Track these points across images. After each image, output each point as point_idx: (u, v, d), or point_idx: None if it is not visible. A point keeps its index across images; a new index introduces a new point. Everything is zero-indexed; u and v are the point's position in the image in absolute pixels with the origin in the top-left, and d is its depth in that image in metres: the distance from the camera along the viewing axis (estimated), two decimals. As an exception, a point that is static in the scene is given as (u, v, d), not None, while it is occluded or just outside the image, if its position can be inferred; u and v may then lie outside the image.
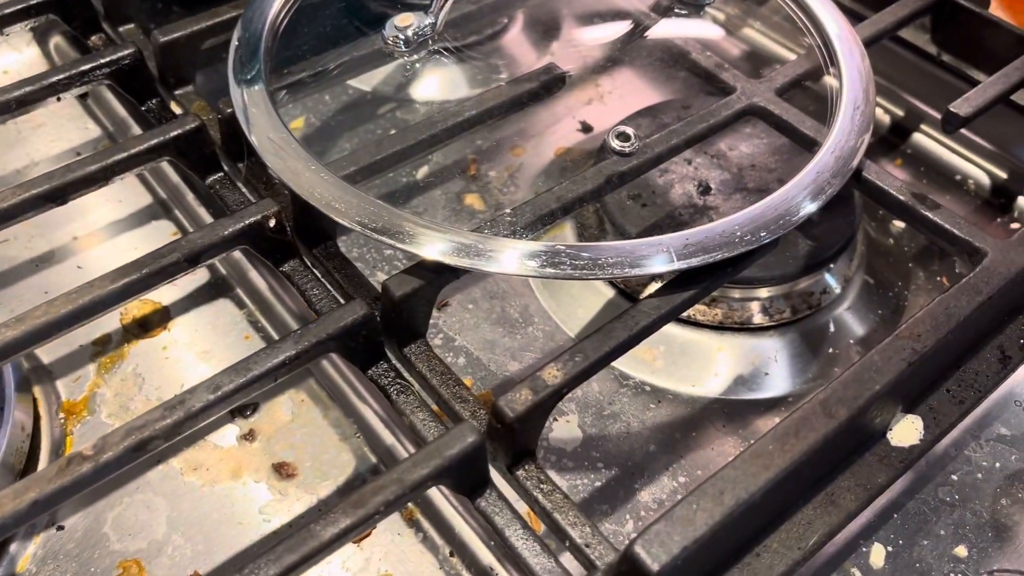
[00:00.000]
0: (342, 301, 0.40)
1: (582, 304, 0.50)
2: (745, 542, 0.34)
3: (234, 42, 0.44)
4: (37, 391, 0.46)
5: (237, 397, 0.34)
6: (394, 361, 0.39)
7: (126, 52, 0.46)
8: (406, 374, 0.39)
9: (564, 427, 0.46)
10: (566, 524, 0.34)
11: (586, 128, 0.61)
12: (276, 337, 0.48)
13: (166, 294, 0.50)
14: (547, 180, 0.58)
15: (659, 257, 0.36)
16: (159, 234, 0.54)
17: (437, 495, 0.42)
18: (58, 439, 0.45)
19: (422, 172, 0.58)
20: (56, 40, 0.63)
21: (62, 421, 0.45)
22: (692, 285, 0.38)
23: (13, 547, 0.41)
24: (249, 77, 0.43)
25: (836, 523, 0.34)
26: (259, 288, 0.49)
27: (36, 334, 0.35)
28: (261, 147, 0.40)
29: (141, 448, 0.32)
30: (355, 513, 0.30)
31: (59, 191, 0.40)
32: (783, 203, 0.39)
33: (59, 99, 0.47)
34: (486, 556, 0.41)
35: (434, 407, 0.38)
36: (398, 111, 0.61)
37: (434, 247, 0.37)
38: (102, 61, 0.47)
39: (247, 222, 0.39)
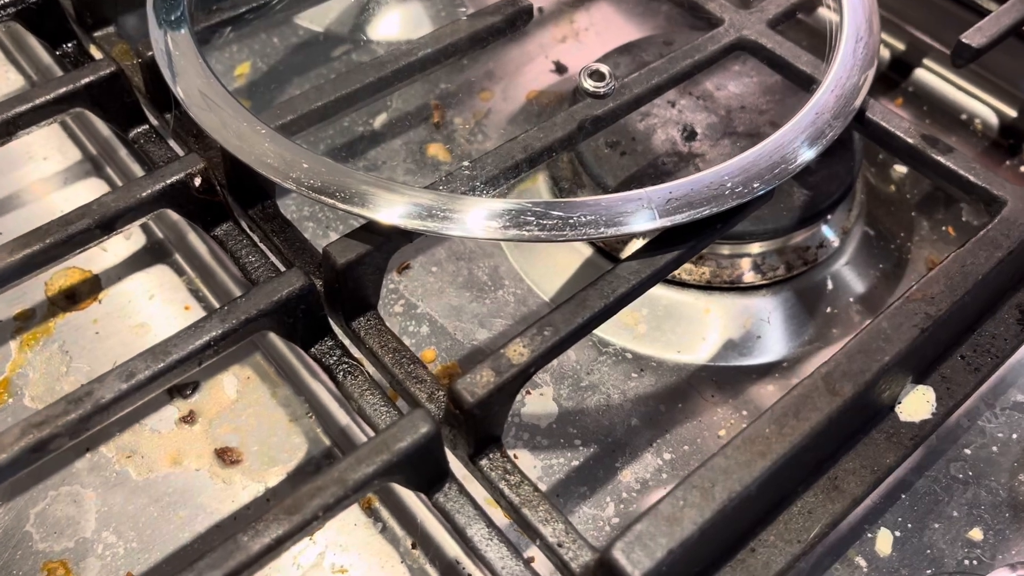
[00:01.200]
0: (283, 269, 0.36)
1: (557, 264, 0.46)
2: (739, 537, 0.30)
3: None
4: (-51, 372, 0.41)
5: (154, 386, 0.29)
6: (341, 337, 0.34)
7: (31, -11, 0.40)
8: (355, 351, 0.34)
9: (538, 401, 0.42)
10: (536, 521, 0.29)
11: (560, 69, 0.55)
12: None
13: (96, 261, 0.45)
14: (518, 127, 0.53)
15: (639, 214, 0.32)
16: (92, 194, 0.49)
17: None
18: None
19: (380, 120, 0.52)
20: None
21: (-20, 406, 0.41)
22: (677, 245, 0.33)
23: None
24: (173, 17, 0.37)
25: (840, 511, 0.31)
26: (199, 253, 0.45)
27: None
28: (186, 97, 0.35)
29: (41, 448, 0.28)
30: (289, 520, 0.26)
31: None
32: (778, 149, 0.34)
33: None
34: (452, 548, 0.37)
35: (388, 389, 0.34)
36: (354, 53, 0.55)
37: (382, 208, 0.32)
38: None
39: (169, 181, 0.34)
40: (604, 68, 0.35)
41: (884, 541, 0.34)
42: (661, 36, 0.51)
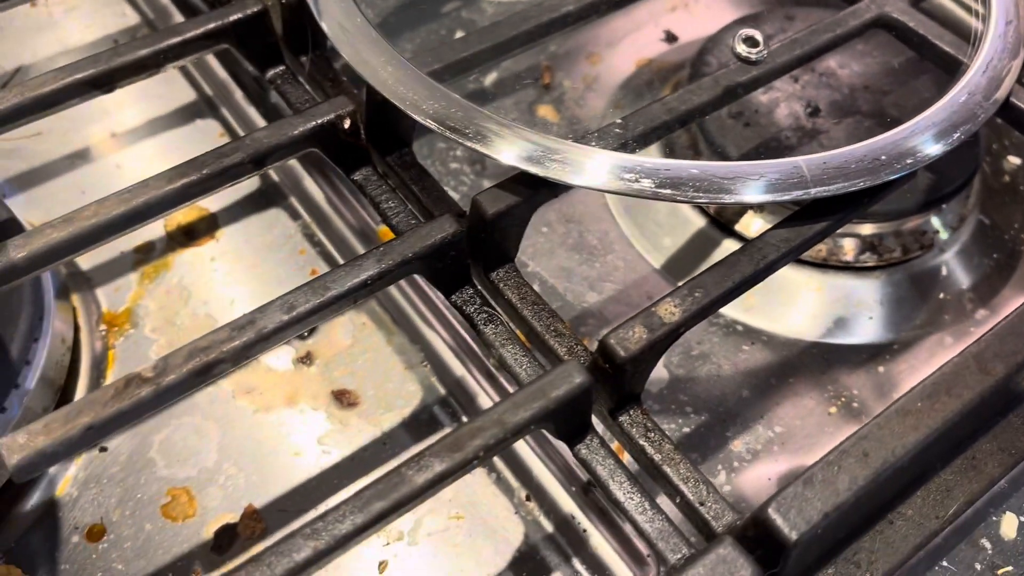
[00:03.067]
0: (419, 217, 0.36)
1: (668, 232, 0.46)
2: (880, 507, 0.30)
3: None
4: (76, 300, 0.42)
5: (312, 320, 0.30)
6: (479, 287, 0.34)
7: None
8: (492, 302, 0.34)
9: (649, 366, 0.42)
10: (677, 478, 0.30)
11: (671, 38, 0.55)
12: (334, 253, 0.44)
13: (214, 200, 0.46)
14: (627, 93, 0.52)
15: (792, 182, 0.32)
16: (203, 134, 0.49)
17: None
18: (99, 354, 0.41)
19: (490, 79, 0.52)
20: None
21: (103, 334, 0.41)
22: (822, 216, 0.33)
23: (52, 468, 0.37)
24: (318, -43, 0.38)
25: (977, 490, 0.31)
26: (315, 198, 0.45)
27: (85, 237, 0.31)
28: (333, 35, 0.35)
29: (206, 372, 0.28)
30: (450, 457, 0.27)
31: (106, 76, 0.35)
32: (929, 128, 0.34)
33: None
34: (567, 503, 0.37)
35: (522, 340, 0.34)
36: (464, 11, 0.55)
37: (530, 159, 0.32)
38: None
39: (319, 121, 0.34)
40: (758, 35, 0.35)
41: (1009, 525, 0.34)
42: (782, 11, 0.50)
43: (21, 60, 0.52)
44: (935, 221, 0.45)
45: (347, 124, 0.34)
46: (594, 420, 0.32)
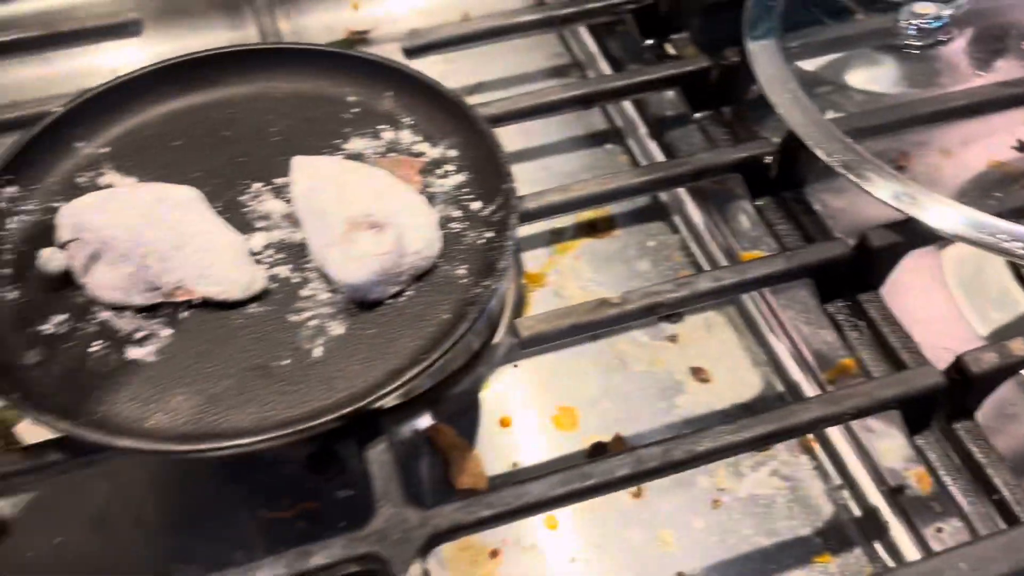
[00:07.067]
0: (803, 241, 0.46)
1: (998, 307, 0.52)
2: None
3: (749, 1, 0.51)
4: (514, 258, 0.55)
5: (730, 292, 0.40)
6: (849, 301, 0.43)
7: (651, -3, 0.54)
8: (854, 318, 0.43)
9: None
10: (1000, 483, 0.37)
11: (1022, 147, 0.61)
12: (704, 263, 0.55)
13: (615, 204, 0.58)
14: (975, 187, 0.59)
15: None
16: (609, 156, 0.62)
17: (834, 431, 0.46)
18: (517, 298, 0.54)
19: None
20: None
21: (523, 286, 0.55)
22: None
23: (481, 369, 0.50)
24: (759, 33, 0.49)
25: None
26: (694, 220, 0.56)
27: (572, 203, 0.44)
28: (768, 88, 0.46)
29: (651, 309, 0.39)
30: (827, 408, 0.36)
31: (586, 98, 0.49)
32: None
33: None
34: (875, 497, 0.44)
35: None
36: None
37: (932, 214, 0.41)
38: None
39: (748, 154, 0.45)
40: None
41: None
42: None
43: (480, 78, 0.67)
44: None
45: (768, 159, 0.45)
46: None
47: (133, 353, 0.38)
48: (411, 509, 0.34)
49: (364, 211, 0.39)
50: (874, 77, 0.66)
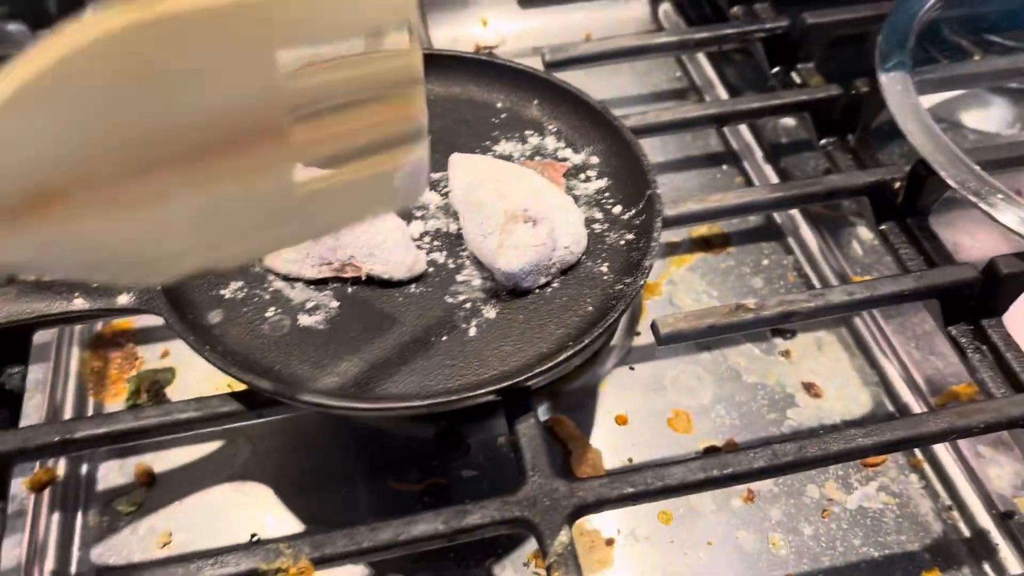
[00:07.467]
0: (926, 267, 0.47)
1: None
2: None
3: (881, 34, 0.53)
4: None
5: (862, 307, 0.42)
6: (972, 325, 0.45)
7: (780, 24, 0.56)
8: (977, 342, 0.45)
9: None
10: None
11: None
12: (816, 283, 0.57)
13: (729, 222, 0.60)
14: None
15: None
16: (726, 177, 0.64)
17: (944, 454, 0.48)
18: (637, 305, 0.57)
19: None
20: (664, 6, 0.76)
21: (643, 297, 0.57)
22: None
23: (599, 369, 0.53)
24: (890, 65, 0.51)
25: None
26: (808, 241, 0.58)
27: (700, 214, 0.46)
28: (901, 120, 0.48)
29: (784, 317, 0.41)
30: (957, 420, 0.37)
31: (722, 117, 0.51)
32: None
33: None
34: (984, 520, 0.46)
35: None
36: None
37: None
38: (752, 28, 0.58)
39: (879, 178, 0.47)
40: None
41: None
42: None
43: (606, 95, 0.70)
44: None
45: (896, 185, 0.47)
46: None
47: (304, 320, 0.41)
48: (560, 480, 0.36)
49: (521, 205, 0.42)
50: (987, 117, 0.68)
